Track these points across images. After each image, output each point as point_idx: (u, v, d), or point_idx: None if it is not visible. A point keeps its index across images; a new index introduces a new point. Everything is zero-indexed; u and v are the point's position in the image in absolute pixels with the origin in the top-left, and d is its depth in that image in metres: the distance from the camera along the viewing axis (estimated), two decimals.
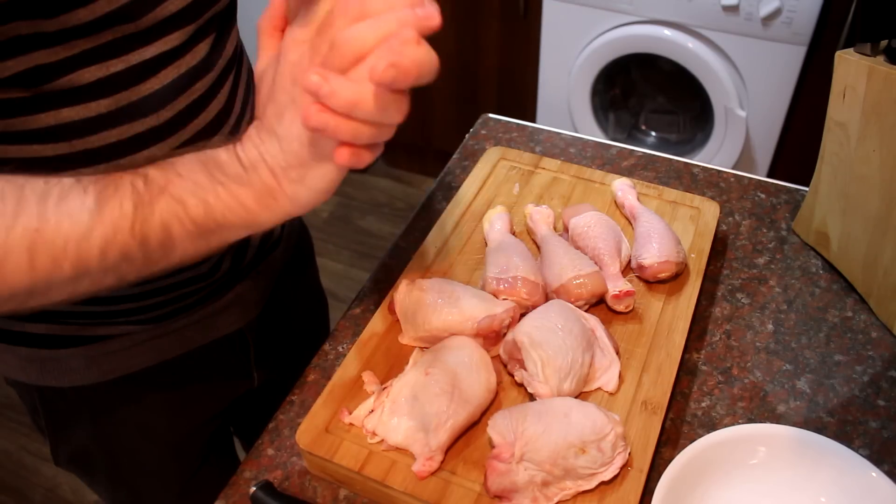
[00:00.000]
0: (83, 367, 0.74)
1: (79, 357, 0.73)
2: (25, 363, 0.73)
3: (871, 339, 0.77)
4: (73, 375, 0.74)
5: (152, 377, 0.77)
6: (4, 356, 0.74)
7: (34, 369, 0.74)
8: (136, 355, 0.75)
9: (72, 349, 0.72)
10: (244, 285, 0.79)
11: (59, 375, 0.74)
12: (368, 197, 2.48)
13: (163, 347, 0.76)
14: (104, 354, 0.73)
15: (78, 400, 0.76)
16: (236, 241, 0.73)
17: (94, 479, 0.88)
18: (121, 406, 0.79)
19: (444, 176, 0.98)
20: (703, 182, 0.96)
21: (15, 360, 0.73)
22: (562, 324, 0.68)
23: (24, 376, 0.75)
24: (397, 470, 0.63)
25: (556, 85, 2.02)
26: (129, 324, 0.72)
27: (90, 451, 0.82)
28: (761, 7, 1.63)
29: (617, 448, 0.61)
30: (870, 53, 0.73)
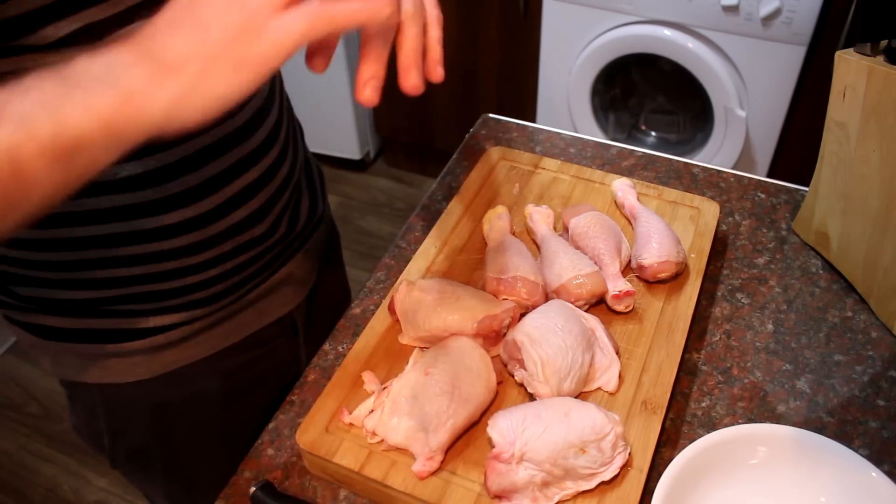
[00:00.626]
0: (146, 360, 0.75)
1: (142, 350, 0.74)
2: (87, 362, 0.74)
3: (871, 339, 0.77)
4: (136, 370, 0.75)
5: (209, 368, 0.79)
6: (64, 357, 0.74)
7: (96, 367, 0.74)
8: (195, 345, 0.77)
9: (135, 342, 0.73)
10: (294, 262, 0.82)
11: (122, 371, 0.75)
12: (368, 197, 2.48)
13: (222, 334, 0.78)
14: (166, 346, 0.75)
15: (136, 396, 0.77)
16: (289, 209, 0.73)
17: (148, 476, 0.88)
18: (179, 399, 0.80)
19: (444, 176, 0.98)
20: (703, 182, 0.96)
21: (75, 361, 0.74)
22: (562, 324, 0.68)
23: (85, 376, 0.75)
24: (397, 470, 0.63)
25: (556, 85, 2.02)
26: (188, 307, 0.73)
27: (148, 447, 0.83)
28: (761, 7, 1.63)
29: (617, 448, 0.61)
30: (870, 53, 0.73)
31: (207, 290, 0.74)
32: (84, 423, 0.83)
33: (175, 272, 0.70)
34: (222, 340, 0.78)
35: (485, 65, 2.14)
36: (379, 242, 2.31)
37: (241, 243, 0.73)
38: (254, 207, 0.72)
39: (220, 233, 0.70)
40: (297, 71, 2.56)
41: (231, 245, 0.72)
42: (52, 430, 1.84)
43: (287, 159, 0.77)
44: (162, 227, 0.66)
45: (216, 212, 0.69)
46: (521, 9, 1.96)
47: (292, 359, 0.89)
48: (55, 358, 0.75)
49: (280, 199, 0.76)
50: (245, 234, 0.72)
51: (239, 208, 0.71)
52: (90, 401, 0.79)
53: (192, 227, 0.68)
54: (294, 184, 0.79)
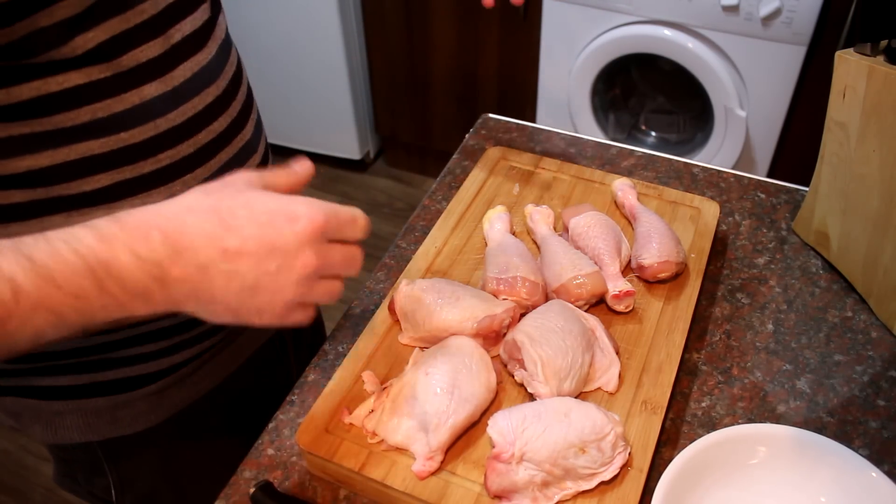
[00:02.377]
0: (155, 405, 0.74)
1: (150, 395, 0.73)
2: (92, 419, 0.72)
3: (871, 339, 0.77)
4: (146, 417, 0.74)
5: (213, 401, 0.78)
6: (65, 420, 0.71)
7: (104, 422, 0.72)
8: (201, 378, 0.76)
9: (145, 388, 0.72)
10: None
11: (130, 421, 0.73)
12: (368, 197, 2.47)
13: (224, 363, 0.78)
14: (173, 385, 0.74)
15: (145, 444, 0.76)
16: None
17: None
18: (186, 438, 0.79)
19: (444, 176, 0.98)
20: (703, 182, 0.96)
21: (78, 421, 0.72)
22: (562, 324, 0.68)
23: (90, 434, 0.73)
24: (397, 470, 0.63)
25: (556, 85, 2.02)
26: (201, 339, 0.73)
27: (158, 491, 0.82)
28: (761, 7, 1.63)
29: (617, 448, 0.61)
30: (870, 53, 0.73)
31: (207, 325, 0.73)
32: (84, 482, 0.81)
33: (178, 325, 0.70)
34: (224, 370, 0.78)
35: (485, 65, 2.14)
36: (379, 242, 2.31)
37: None
38: None
39: None
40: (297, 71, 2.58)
41: None
42: None
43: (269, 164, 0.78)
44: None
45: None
46: (521, 9, 1.96)
47: (285, 375, 0.89)
48: (52, 423, 0.72)
49: None
50: None
51: None
52: (93, 458, 0.76)
53: None
54: None
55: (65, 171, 0.57)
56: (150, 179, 0.62)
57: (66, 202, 0.59)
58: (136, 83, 0.58)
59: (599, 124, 2.04)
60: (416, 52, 2.21)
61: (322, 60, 2.23)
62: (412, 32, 2.18)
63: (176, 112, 0.61)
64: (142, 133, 0.59)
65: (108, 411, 0.72)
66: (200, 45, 0.63)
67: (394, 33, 2.21)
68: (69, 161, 0.57)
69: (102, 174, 0.59)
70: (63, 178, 0.57)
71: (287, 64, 2.26)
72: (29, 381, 0.70)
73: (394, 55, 2.25)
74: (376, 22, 2.21)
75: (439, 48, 2.17)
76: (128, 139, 0.59)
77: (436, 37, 2.15)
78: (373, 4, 2.17)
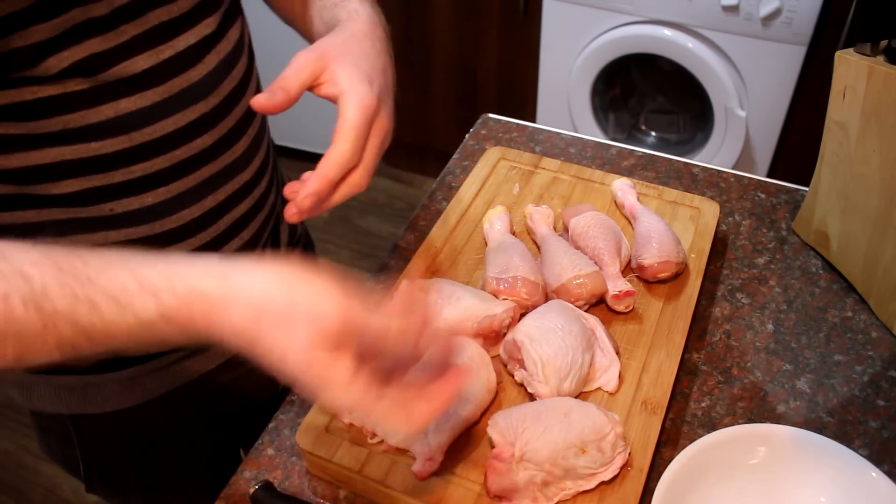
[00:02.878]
0: (126, 389, 0.73)
1: (122, 380, 0.72)
2: (64, 393, 0.72)
3: (871, 339, 0.77)
4: (116, 399, 0.73)
5: (190, 393, 0.77)
6: (39, 389, 0.72)
7: (74, 398, 0.72)
8: (178, 370, 0.75)
9: (117, 372, 0.71)
10: None
11: (100, 402, 0.73)
12: (368, 197, 2.48)
13: (202, 359, 0.77)
14: (148, 373, 0.73)
15: (115, 424, 0.76)
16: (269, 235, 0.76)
17: (127, 499, 0.87)
18: (159, 426, 0.78)
19: (444, 176, 0.98)
20: (703, 182, 0.96)
21: (51, 392, 0.72)
22: (562, 324, 0.68)
23: (61, 407, 0.73)
24: (397, 470, 0.63)
25: (556, 85, 2.02)
26: None
27: (126, 473, 0.82)
28: (761, 7, 1.63)
29: (617, 448, 0.61)
30: (870, 53, 0.73)
31: None
32: (58, 451, 0.81)
33: None
34: (204, 364, 0.77)
35: (485, 65, 2.14)
36: (379, 242, 2.31)
37: None
38: (245, 238, 0.72)
39: None
40: None
41: None
42: None
43: (274, 185, 0.77)
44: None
45: (208, 245, 0.68)
46: (521, 8, 1.96)
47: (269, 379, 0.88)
48: (28, 389, 0.73)
49: (267, 226, 0.76)
50: None
51: (231, 240, 0.71)
52: (64, 430, 0.77)
53: None
54: (279, 209, 0.79)
55: (35, 173, 0.57)
56: (121, 188, 0.62)
57: (36, 200, 0.59)
58: (114, 97, 0.57)
59: (599, 124, 2.04)
60: (416, 52, 2.21)
61: None
62: (412, 32, 2.18)
63: (153, 127, 0.60)
64: (114, 144, 0.59)
65: (78, 389, 0.72)
66: (195, 60, 0.62)
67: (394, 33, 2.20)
68: (40, 164, 0.57)
69: (72, 179, 0.59)
70: (33, 179, 0.58)
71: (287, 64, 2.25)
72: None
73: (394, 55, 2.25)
74: None
75: (439, 48, 2.17)
76: (98, 149, 0.58)
77: (436, 37, 2.15)
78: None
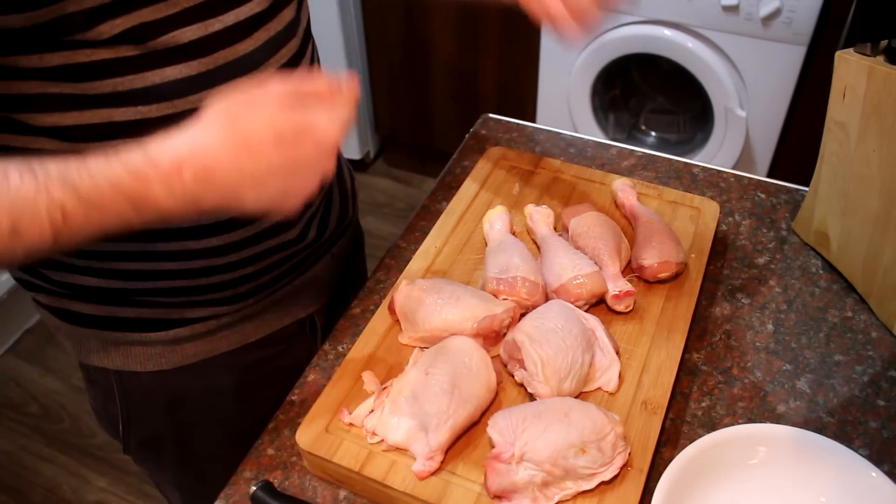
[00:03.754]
0: (167, 351, 0.76)
1: (165, 341, 0.75)
2: (111, 348, 0.75)
3: (871, 339, 0.77)
4: (157, 360, 0.76)
5: (229, 362, 0.79)
6: (86, 341, 0.75)
7: (118, 354, 0.75)
8: (218, 339, 0.77)
9: (160, 332, 0.74)
10: (320, 266, 0.83)
11: (143, 360, 0.76)
12: (368, 197, 2.47)
13: (245, 331, 0.79)
14: (188, 338, 0.76)
15: (155, 385, 0.78)
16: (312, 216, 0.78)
17: (160, 464, 0.89)
18: (196, 391, 0.81)
19: (444, 176, 0.98)
20: (703, 182, 0.96)
21: (97, 345, 0.75)
22: (562, 324, 0.68)
23: (107, 362, 0.76)
24: (397, 470, 0.63)
25: (556, 85, 2.02)
26: (215, 304, 0.75)
27: (162, 436, 0.84)
28: (761, 7, 1.63)
29: (617, 448, 0.61)
30: (870, 53, 0.73)
31: (234, 289, 0.75)
32: (101, 407, 0.84)
33: (203, 270, 0.71)
34: (244, 336, 0.79)
35: (485, 65, 2.14)
36: (379, 242, 2.31)
37: (271, 247, 0.74)
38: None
39: (250, 237, 0.71)
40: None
41: (260, 248, 0.73)
42: (52, 431, 1.84)
43: None
44: (195, 227, 0.68)
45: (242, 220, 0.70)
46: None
47: (308, 357, 0.89)
48: (78, 342, 0.76)
49: (312, 205, 0.77)
50: (274, 239, 0.74)
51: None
52: (108, 385, 0.79)
53: (224, 230, 0.70)
54: (326, 190, 0.81)
55: (85, 132, 0.60)
56: None
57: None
58: (161, 64, 0.59)
59: (599, 124, 2.04)
60: (416, 52, 2.21)
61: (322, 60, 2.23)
62: (412, 32, 2.18)
63: (197, 95, 0.62)
64: (159, 109, 0.61)
65: (122, 345, 0.75)
66: (243, 36, 0.63)
67: (394, 33, 2.21)
68: (91, 124, 0.60)
69: (119, 139, 0.61)
70: (83, 137, 0.60)
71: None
72: (58, 302, 0.74)
73: (394, 55, 2.25)
74: (376, 22, 2.21)
75: (439, 48, 2.17)
76: (145, 112, 0.60)
77: (436, 37, 2.15)
78: (373, 5, 2.17)
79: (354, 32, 2.23)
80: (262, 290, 0.77)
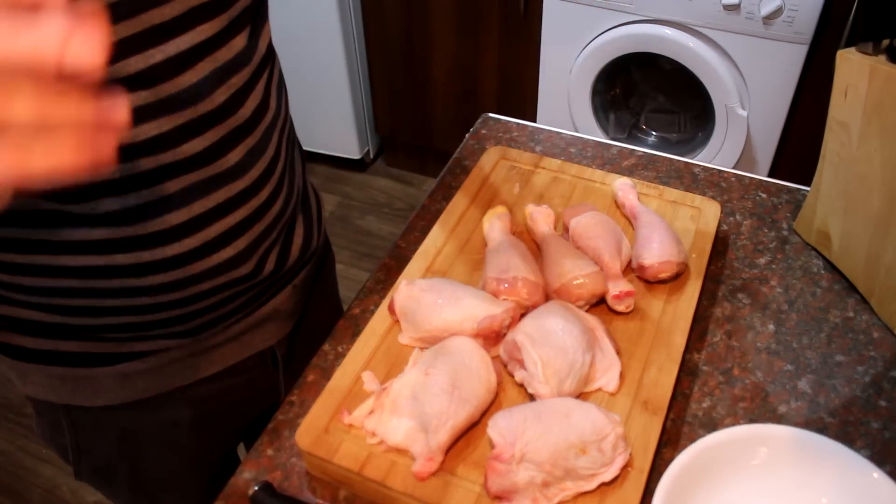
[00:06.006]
0: (117, 386, 0.73)
1: (114, 376, 0.72)
2: (56, 382, 0.72)
3: (873, 340, 0.77)
4: (107, 395, 0.73)
5: (184, 396, 0.77)
6: (33, 377, 0.72)
7: (65, 389, 0.72)
8: (170, 374, 0.74)
9: (107, 367, 0.71)
10: (281, 297, 0.79)
11: (91, 395, 0.73)
12: (368, 197, 2.47)
13: (198, 366, 0.75)
14: (139, 373, 0.72)
15: (105, 418, 0.76)
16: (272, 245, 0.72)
17: (114, 492, 0.87)
18: (149, 424, 0.78)
19: (444, 176, 0.98)
20: (703, 182, 0.95)
21: (44, 380, 0.72)
22: (562, 324, 0.68)
23: (53, 396, 0.74)
24: (397, 470, 0.62)
25: (556, 85, 2.02)
26: (166, 337, 0.71)
27: (114, 466, 0.82)
28: (762, 6, 1.63)
29: (617, 448, 0.61)
30: (871, 52, 0.72)
31: (185, 325, 0.71)
32: (50, 437, 0.81)
33: (149, 307, 0.67)
34: (198, 371, 0.76)
35: (485, 65, 2.14)
36: (379, 242, 2.31)
37: (223, 283, 0.69)
38: (239, 247, 0.69)
39: (200, 272, 0.67)
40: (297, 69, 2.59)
41: (211, 284, 0.68)
42: None
43: (280, 196, 0.73)
44: (139, 263, 0.64)
45: (197, 252, 0.65)
46: (521, 9, 1.96)
47: (270, 387, 0.86)
48: (23, 376, 0.73)
49: (268, 237, 0.72)
50: (227, 275, 0.69)
51: (223, 248, 0.67)
52: (56, 418, 0.77)
53: (171, 266, 0.65)
54: (286, 220, 0.76)
55: None
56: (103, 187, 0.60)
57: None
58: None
59: (599, 124, 2.04)
60: (416, 52, 2.21)
61: (322, 60, 2.23)
62: (412, 32, 2.18)
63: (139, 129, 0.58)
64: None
65: (70, 380, 0.72)
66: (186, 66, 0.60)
67: (394, 33, 2.21)
68: None
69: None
70: None
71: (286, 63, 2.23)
72: (1, 335, 0.70)
73: (394, 55, 2.25)
74: (376, 22, 2.21)
75: (439, 48, 2.17)
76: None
77: (436, 37, 2.15)
78: (373, 4, 2.17)
79: (354, 33, 2.23)
80: (216, 323, 0.73)
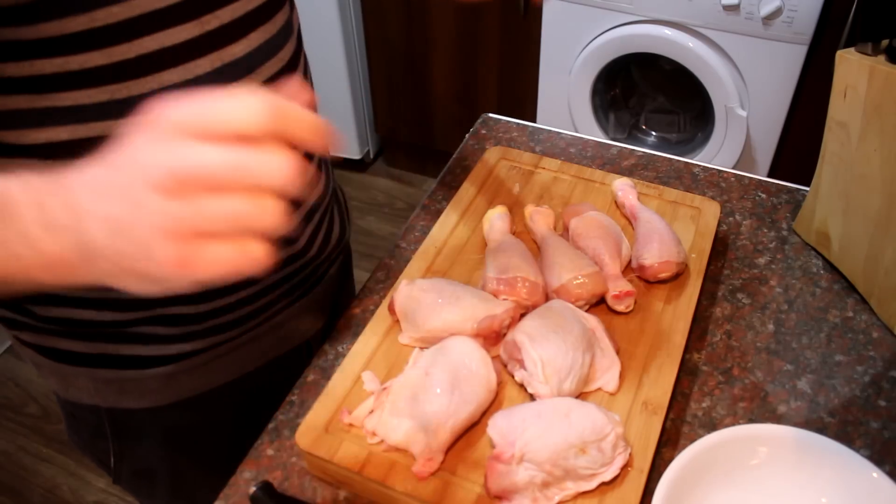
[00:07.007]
0: (164, 386, 0.73)
1: (161, 377, 0.72)
2: (101, 386, 0.72)
3: (872, 340, 0.77)
4: (154, 396, 0.73)
5: (226, 394, 0.77)
6: (78, 381, 0.72)
7: (111, 392, 0.72)
8: (216, 370, 0.75)
9: (155, 369, 0.71)
10: (319, 287, 0.81)
11: (138, 397, 0.73)
12: (368, 197, 2.47)
13: (242, 360, 0.76)
14: (185, 371, 0.73)
15: (150, 420, 0.76)
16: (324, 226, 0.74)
17: (153, 494, 0.87)
18: (192, 424, 0.78)
19: (444, 176, 0.98)
20: (703, 182, 0.95)
21: (90, 384, 0.72)
22: (562, 324, 0.68)
23: (98, 399, 0.73)
24: (397, 470, 0.62)
25: (556, 85, 2.02)
26: (214, 332, 0.72)
27: (154, 469, 0.82)
28: (762, 6, 1.63)
29: (617, 448, 0.61)
30: (871, 53, 0.72)
31: (234, 313, 0.72)
32: (88, 442, 0.81)
33: (202, 295, 0.68)
34: (242, 367, 0.77)
35: (485, 65, 2.14)
36: (379, 242, 2.31)
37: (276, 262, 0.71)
38: (293, 222, 0.70)
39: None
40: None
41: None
42: (51, 431, 1.84)
43: (322, 176, 0.76)
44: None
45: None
46: (521, 9, 1.96)
47: None
48: (66, 380, 0.73)
49: (314, 215, 0.75)
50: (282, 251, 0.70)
51: None
52: (98, 422, 0.76)
53: None
54: (328, 201, 0.78)
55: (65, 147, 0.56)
56: None
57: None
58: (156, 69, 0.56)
59: (599, 124, 2.04)
60: (416, 52, 2.21)
61: (322, 60, 2.23)
62: (412, 32, 2.18)
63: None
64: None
65: (116, 383, 0.72)
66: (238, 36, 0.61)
67: (394, 33, 2.21)
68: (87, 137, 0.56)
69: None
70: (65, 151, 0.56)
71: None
72: (45, 340, 0.70)
73: (394, 55, 2.25)
74: (376, 22, 2.21)
75: (439, 48, 2.17)
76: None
77: (436, 37, 2.15)
78: (372, 4, 2.17)
79: (354, 33, 2.23)
80: (261, 312, 0.75)
